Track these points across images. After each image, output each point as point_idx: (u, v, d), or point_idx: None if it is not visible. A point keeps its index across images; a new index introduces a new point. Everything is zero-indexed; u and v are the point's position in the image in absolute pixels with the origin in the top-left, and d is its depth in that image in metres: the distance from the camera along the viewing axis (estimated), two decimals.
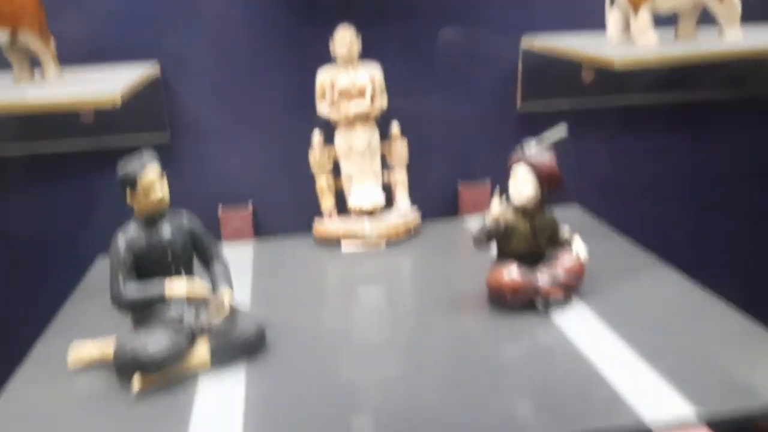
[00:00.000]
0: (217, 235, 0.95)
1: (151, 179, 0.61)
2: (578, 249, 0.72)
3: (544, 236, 0.72)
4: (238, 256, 0.89)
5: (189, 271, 0.66)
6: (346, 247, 0.91)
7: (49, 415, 0.58)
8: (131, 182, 0.61)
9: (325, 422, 0.55)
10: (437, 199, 1.01)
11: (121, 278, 0.61)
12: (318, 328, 0.72)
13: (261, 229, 0.99)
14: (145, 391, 0.60)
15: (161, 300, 0.62)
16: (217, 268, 0.67)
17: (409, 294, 0.80)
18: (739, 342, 0.63)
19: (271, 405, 0.58)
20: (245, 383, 0.61)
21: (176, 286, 0.62)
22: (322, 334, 0.70)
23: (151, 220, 0.63)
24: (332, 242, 0.92)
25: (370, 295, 0.79)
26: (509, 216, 0.71)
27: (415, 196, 0.97)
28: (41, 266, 0.95)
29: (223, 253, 0.68)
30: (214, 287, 0.65)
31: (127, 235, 0.63)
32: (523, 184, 0.69)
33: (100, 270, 0.88)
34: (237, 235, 0.96)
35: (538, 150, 0.70)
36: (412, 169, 0.96)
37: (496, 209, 0.69)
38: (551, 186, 0.70)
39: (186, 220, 0.66)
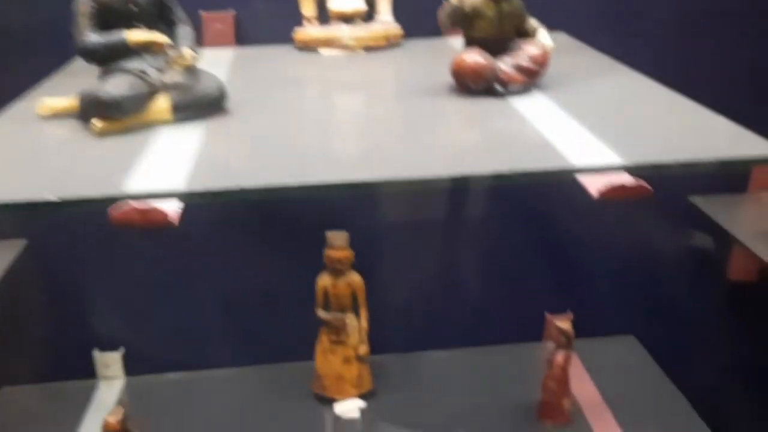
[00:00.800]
0: (199, 41, 0.96)
1: None
2: (543, 38, 0.72)
3: (511, 23, 0.72)
4: (217, 60, 0.90)
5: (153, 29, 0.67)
6: (325, 52, 0.91)
7: (10, 149, 0.61)
8: None
9: (277, 174, 0.56)
10: (422, 20, 1.00)
11: (84, 25, 0.63)
12: (285, 106, 0.73)
13: (243, 41, 0.99)
14: (106, 134, 0.62)
15: (123, 45, 0.63)
16: (182, 30, 0.68)
17: (378, 86, 0.81)
18: (684, 123, 0.64)
19: (224, 156, 0.60)
20: (204, 136, 0.63)
21: (137, 32, 0.64)
22: (287, 110, 0.72)
23: None
24: (311, 49, 0.93)
25: (340, 87, 0.81)
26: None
27: (399, 15, 0.96)
28: (20, 64, 0.97)
29: (188, 20, 0.69)
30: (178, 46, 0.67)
31: None
32: None
33: (79, 63, 0.89)
34: (219, 41, 0.97)
35: None
36: None
37: None
38: None
39: None
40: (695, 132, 0.61)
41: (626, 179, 0.52)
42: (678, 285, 1.20)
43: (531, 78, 0.71)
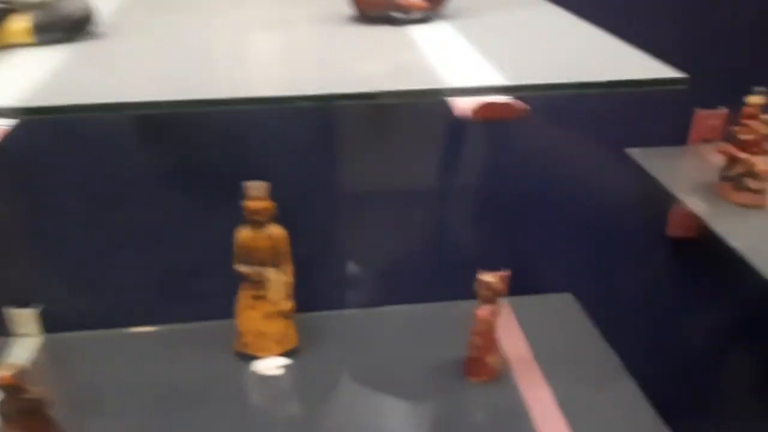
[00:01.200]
0: None
1: None
2: None
3: None
4: None
5: None
6: None
7: None
8: None
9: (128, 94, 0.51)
10: None
11: None
12: (168, 32, 0.68)
13: None
14: None
15: None
16: None
17: (275, 17, 0.75)
18: (588, 50, 0.60)
19: (77, 77, 0.54)
20: (64, 58, 0.58)
21: None
22: (170, 36, 0.66)
23: None
24: None
25: (237, 17, 0.75)
26: None
27: None
28: None
29: None
30: None
31: None
32: None
33: None
34: None
35: None
36: None
37: None
38: None
39: None
40: (596, 58, 0.57)
41: (497, 98, 0.48)
42: (617, 242, 1.17)
43: (434, 4, 0.67)
